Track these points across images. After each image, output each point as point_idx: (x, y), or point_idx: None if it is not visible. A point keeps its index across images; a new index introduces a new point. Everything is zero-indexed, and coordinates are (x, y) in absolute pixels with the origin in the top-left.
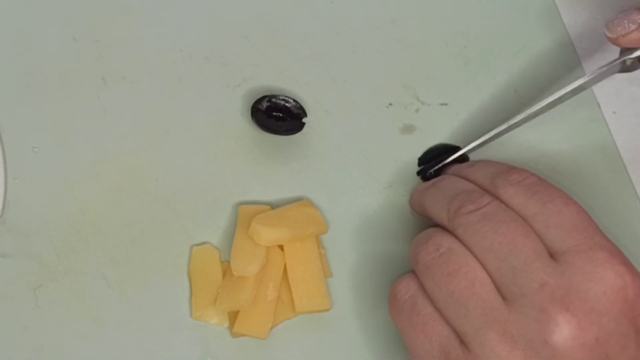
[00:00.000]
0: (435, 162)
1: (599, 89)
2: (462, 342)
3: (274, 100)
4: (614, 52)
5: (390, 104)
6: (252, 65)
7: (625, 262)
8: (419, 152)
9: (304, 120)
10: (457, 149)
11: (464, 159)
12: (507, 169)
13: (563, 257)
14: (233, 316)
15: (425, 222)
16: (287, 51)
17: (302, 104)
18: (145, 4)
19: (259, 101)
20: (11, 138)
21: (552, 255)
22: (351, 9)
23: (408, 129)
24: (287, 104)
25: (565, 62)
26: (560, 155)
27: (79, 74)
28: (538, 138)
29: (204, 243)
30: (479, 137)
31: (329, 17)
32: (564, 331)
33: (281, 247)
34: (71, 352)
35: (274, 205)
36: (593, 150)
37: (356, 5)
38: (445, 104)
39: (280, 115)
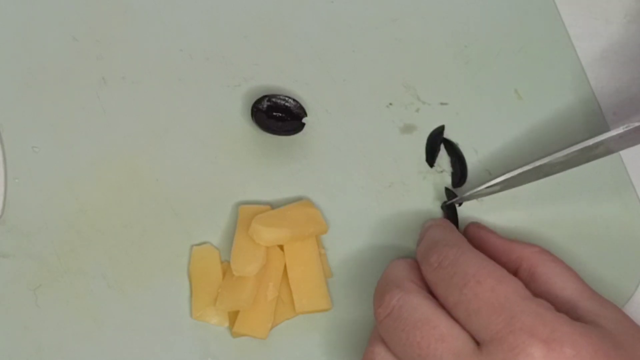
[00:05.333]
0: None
1: (599, 89)
2: None
3: (274, 100)
4: (614, 51)
5: (391, 104)
6: (252, 65)
7: (548, 338)
8: (419, 152)
9: (304, 120)
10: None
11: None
12: (429, 248)
13: (487, 349)
14: (233, 316)
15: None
16: (287, 51)
17: (302, 104)
18: (145, 4)
19: (259, 101)
20: (11, 138)
21: (479, 345)
22: (351, 9)
23: (408, 128)
24: (287, 104)
25: (565, 61)
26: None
27: (79, 73)
28: (538, 139)
29: (204, 243)
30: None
31: (329, 17)
32: None
33: (281, 247)
34: (71, 352)
35: (274, 205)
36: None
37: (356, 5)
38: (446, 104)
39: (281, 115)
